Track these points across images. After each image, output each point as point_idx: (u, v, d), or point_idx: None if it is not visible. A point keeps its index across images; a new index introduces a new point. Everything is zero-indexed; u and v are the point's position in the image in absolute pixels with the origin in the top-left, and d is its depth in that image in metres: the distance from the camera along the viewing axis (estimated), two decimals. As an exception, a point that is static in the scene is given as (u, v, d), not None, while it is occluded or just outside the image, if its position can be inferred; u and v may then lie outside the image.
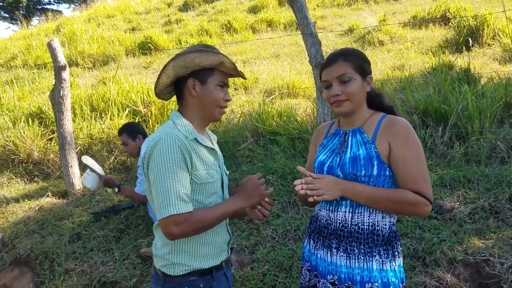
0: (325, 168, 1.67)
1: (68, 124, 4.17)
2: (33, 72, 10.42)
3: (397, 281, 1.59)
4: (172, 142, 1.46)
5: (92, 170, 3.34)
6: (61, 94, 4.05)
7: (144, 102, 5.54)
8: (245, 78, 1.74)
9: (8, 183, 4.82)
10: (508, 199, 3.02)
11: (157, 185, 1.44)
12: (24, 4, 29.87)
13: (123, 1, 17.88)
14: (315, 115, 4.65)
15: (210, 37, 11.62)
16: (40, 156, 5.08)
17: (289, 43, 10.32)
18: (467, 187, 3.19)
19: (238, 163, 4.05)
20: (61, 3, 32.27)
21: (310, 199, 1.52)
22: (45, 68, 11.27)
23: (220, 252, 1.65)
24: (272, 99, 5.72)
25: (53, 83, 4.17)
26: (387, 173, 1.56)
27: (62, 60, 4.09)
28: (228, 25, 12.25)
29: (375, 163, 1.55)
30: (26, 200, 4.25)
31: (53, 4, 31.56)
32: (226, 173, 1.76)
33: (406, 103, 4.11)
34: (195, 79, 1.58)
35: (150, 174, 1.48)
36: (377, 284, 1.55)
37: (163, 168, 1.43)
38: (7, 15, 30.85)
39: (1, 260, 3.63)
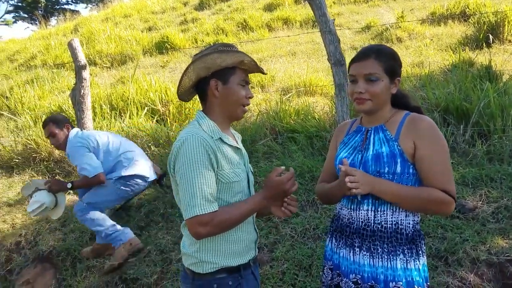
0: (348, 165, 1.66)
1: (89, 123, 4.23)
2: (52, 72, 10.58)
3: (421, 280, 1.58)
4: (198, 142, 1.48)
5: (36, 190, 3.36)
6: (81, 93, 4.12)
7: (162, 101, 5.59)
8: (265, 73, 1.75)
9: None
10: (533, 198, 2.97)
11: (183, 186, 1.47)
12: (43, 4, 30.36)
13: (139, 1, 17.99)
14: (333, 113, 4.62)
15: (226, 36, 11.63)
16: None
17: (305, 40, 10.27)
18: (490, 186, 3.13)
19: (256, 161, 4.05)
20: (79, 3, 32.72)
21: (352, 192, 1.51)
22: (63, 68, 11.45)
23: (248, 251, 1.67)
24: (289, 97, 5.71)
25: (74, 82, 4.23)
26: (411, 170, 1.55)
27: (83, 59, 4.15)
28: (244, 24, 12.24)
29: (399, 160, 1.54)
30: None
31: (71, 4, 32.03)
32: (251, 171, 1.76)
33: (426, 101, 4.06)
34: (217, 80, 1.59)
35: (177, 175, 1.51)
36: (401, 283, 1.54)
37: (189, 168, 1.46)
38: (26, 15, 31.44)
39: (24, 256, 3.71)
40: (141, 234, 3.60)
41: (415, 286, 1.55)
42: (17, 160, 5.28)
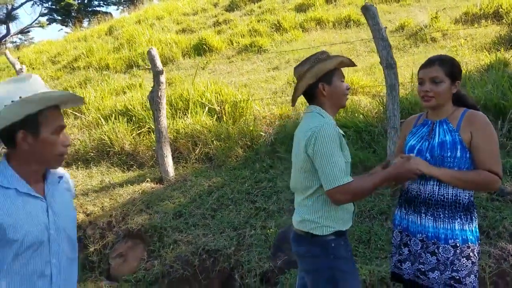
0: (415, 151, 2.16)
1: (164, 120, 4.85)
2: (102, 74, 11.31)
3: (474, 239, 2.05)
4: (332, 129, 1.94)
5: None
6: (159, 95, 4.74)
7: (217, 101, 6.18)
8: (356, 65, 2.21)
9: (107, 171, 5.60)
10: None
11: (324, 163, 1.91)
12: (76, 7, 31.35)
13: (170, 2, 18.28)
14: (378, 109, 5.11)
15: (261, 37, 11.98)
16: (131, 148, 5.83)
17: (339, 41, 10.56)
18: (526, 173, 3.58)
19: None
20: (110, 5, 33.57)
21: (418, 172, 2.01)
22: (108, 69, 12.16)
23: (350, 219, 2.15)
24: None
25: (152, 85, 4.86)
26: (468, 155, 2.02)
27: (160, 65, 4.78)
28: (278, 25, 12.49)
29: (459, 147, 2.02)
30: (129, 185, 4.98)
31: (102, 6, 32.95)
32: None
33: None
34: (324, 83, 2.05)
35: (315, 155, 1.94)
36: (458, 240, 2.02)
37: (329, 149, 1.90)
38: (59, 18, 32.58)
39: (116, 234, 4.35)
40: (214, 215, 4.19)
41: (469, 243, 2.02)
42: (92, 154, 5.98)
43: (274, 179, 4.51)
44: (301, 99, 2.26)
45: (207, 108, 6.06)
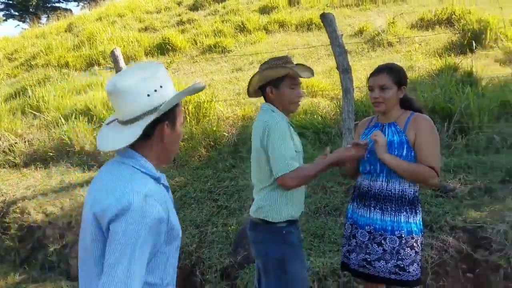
0: (367, 150, 2.35)
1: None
2: (62, 72, 11.05)
3: (418, 231, 2.26)
4: (282, 122, 2.14)
5: None
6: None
7: (181, 101, 6.21)
8: (312, 75, 2.38)
9: (67, 171, 5.55)
10: (501, 181, 3.71)
11: (275, 153, 2.10)
12: (34, 2, 30.33)
13: (133, 0, 18.10)
14: (336, 112, 5.33)
15: (226, 38, 12.06)
16: (92, 148, 5.80)
17: (301, 43, 10.79)
18: (467, 172, 3.87)
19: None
20: (70, 1, 32.55)
21: (373, 138, 2.21)
22: (67, 68, 11.89)
23: (301, 208, 2.34)
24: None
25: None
26: (412, 154, 2.21)
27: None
28: (242, 26, 12.59)
29: (405, 147, 2.22)
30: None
31: (62, 3, 31.99)
32: None
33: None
34: (272, 87, 2.25)
35: (268, 146, 2.13)
36: (403, 231, 2.22)
37: (279, 140, 2.10)
38: (16, 13, 31.41)
39: (76, 234, 4.33)
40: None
41: (413, 234, 2.23)
42: (51, 154, 5.91)
43: (236, 178, 4.64)
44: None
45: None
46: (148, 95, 1.32)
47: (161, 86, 1.35)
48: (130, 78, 1.31)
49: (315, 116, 5.19)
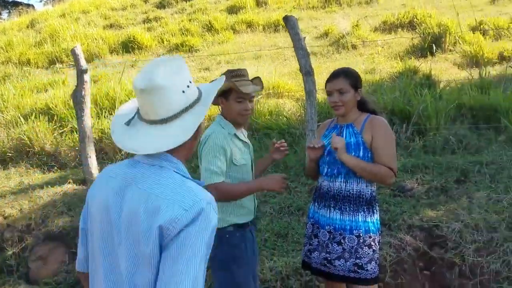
0: (326, 152, 2.41)
1: (88, 120, 4.77)
2: (23, 70, 10.69)
3: (375, 229, 2.33)
4: (219, 138, 2.20)
5: None
6: (82, 94, 4.66)
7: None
8: (259, 90, 2.39)
9: (27, 172, 5.38)
10: (456, 181, 3.87)
11: (203, 165, 2.18)
12: (-6, -3, 29.20)
13: (97, -4, 17.70)
14: (301, 113, 5.41)
15: (193, 37, 12.00)
16: (53, 148, 5.65)
17: (268, 44, 10.85)
18: (424, 172, 4.02)
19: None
20: (32, -4, 31.51)
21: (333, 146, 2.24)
22: (29, 65, 11.52)
23: (248, 213, 2.36)
24: (259, 99, 6.43)
25: (75, 84, 4.76)
26: (369, 155, 2.28)
27: (84, 64, 4.70)
28: (209, 25, 12.56)
29: (361, 148, 2.29)
30: (49, 187, 4.83)
31: (24, -2, 30.94)
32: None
33: (376, 104, 4.93)
34: (222, 98, 2.28)
35: (201, 157, 2.22)
36: (361, 230, 2.29)
37: (209, 154, 2.17)
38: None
39: (36, 236, 4.23)
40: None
41: (371, 233, 2.30)
42: (10, 154, 5.72)
43: (198, 178, 4.62)
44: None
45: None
46: (183, 91, 1.31)
47: (190, 82, 1.34)
48: (164, 74, 1.28)
49: (280, 117, 5.25)
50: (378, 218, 2.39)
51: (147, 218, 1.23)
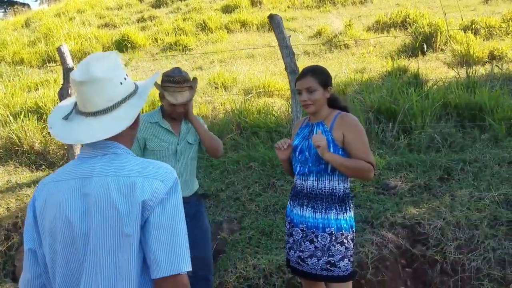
0: (298, 150, 2.43)
1: (75, 118, 4.77)
2: (16, 69, 10.67)
3: (347, 227, 2.34)
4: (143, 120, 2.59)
5: None
6: (69, 93, 4.67)
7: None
8: (186, 100, 2.59)
9: (15, 171, 5.38)
10: (439, 178, 3.90)
11: None
12: (-11, -4, 29.11)
13: (93, -5, 17.70)
14: (289, 112, 5.42)
15: (187, 36, 12.00)
16: (41, 147, 5.65)
17: (262, 43, 10.87)
18: (409, 170, 4.04)
19: (225, 152, 4.79)
20: (28, -4, 31.43)
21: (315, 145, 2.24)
22: (22, 64, 11.50)
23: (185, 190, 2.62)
24: (249, 97, 6.45)
25: (62, 83, 4.77)
26: (340, 152, 2.29)
27: (70, 63, 4.70)
28: (203, 24, 12.58)
29: (331, 145, 2.29)
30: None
31: (19, -3, 30.82)
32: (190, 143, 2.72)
33: (363, 103, 4.95)
34: (161, 94, 2.60)
35: None
36: (333, 228, 2.30)
37: None
38: (-30, 7, 30.01)
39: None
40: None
41: (343, 231, 2.30)
42: (-1, 153, 5.72)
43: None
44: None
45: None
46: (121, 83, 1.35)
47: (126, 75, 1.40)
48: (102, 67, 1.32)
49: (268, 116, 5.27)
50: (352, 216, 2.39)
51: (124, 198, 1.26)
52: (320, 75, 2.35)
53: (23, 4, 26.77)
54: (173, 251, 1.25)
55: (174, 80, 2.51)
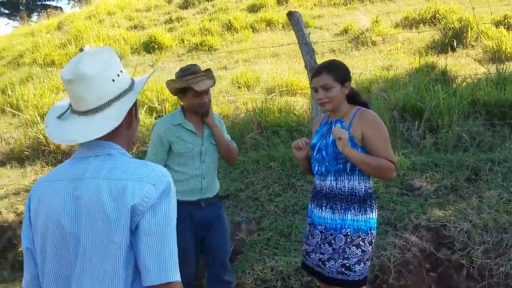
0: (316, 149, 2.34)
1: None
2: (46, 70, 10.97)
3: (366, 229, 2.22)
4: (160, 126, 2.60)
5: None
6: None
7: (158, 99, 6.22)
8: (211, 85, 2.58)
9: (42, 170, 5.51)
10: (466, 179, 3.73)
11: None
12: (24, 0, 30.07)
13: (123, -2, 18.02)
14: (311, 110, 5.33)
15: (212, 36, 12.05)
16: (67, 147, 5.76)
17: (287, 41, 10.78)
18: (434, 170, 3.89)
19: (245, 151, 4.75)
20: (60, -1, 32.28)
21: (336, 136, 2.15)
22: (54, 66, 11.81)
23: (187, 193, 2.58)
24: (272, 97, 6.39)
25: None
26: (359, 150, 2.18)
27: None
28: (229, 24, 12.60)
29: (349, 144, 2.20)
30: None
31: (53, 1, 31.74)
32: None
33: (388, 101, 4.81)
34: (181, 94, 2.59)
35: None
36: (350, 229, 2.20)
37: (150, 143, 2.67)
38: (6, 11, 31.11)
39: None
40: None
41: (360, 232, 2.20)
42: (27, 153, 5.87)
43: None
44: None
45: (145, 107, 6.09)
46: (113, 80, 1.29)
47: (121, 71, 1.33)
48: (91, 64, 1.26)
49: (290, 115, 5.19)
50: (373, 217, 2.27)
51: (114, 203, 1.21)
52: (336, 71, 2.24)
53: (56, 7, 27.56)
54: (162, 259, 1.20)
55: (191, 72, 2.54)
